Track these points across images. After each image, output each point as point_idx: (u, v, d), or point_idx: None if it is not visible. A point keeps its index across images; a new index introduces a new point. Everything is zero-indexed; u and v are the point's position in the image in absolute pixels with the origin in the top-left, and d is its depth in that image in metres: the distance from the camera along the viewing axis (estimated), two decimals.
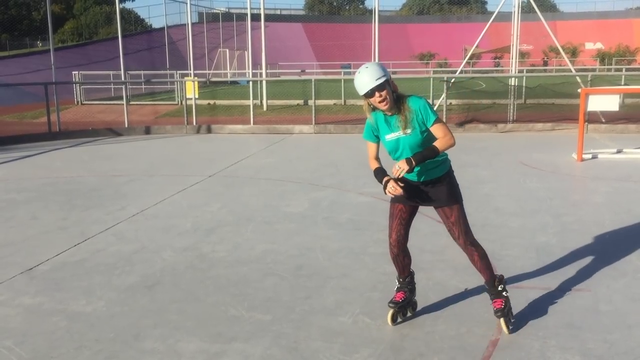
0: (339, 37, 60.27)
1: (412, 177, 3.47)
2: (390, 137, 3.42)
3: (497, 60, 49.25)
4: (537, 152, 10.38)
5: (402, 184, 3.33)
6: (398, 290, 3.71)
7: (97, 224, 6.09)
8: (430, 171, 3.47)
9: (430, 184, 3.49)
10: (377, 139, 3.52)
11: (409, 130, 3.35)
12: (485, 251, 3.57)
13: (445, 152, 3.45)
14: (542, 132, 13.48)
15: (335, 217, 6.23)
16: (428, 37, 61.32)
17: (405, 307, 3.70)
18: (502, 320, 3.52)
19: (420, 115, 3.35)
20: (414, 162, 3.28)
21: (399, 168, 3.28)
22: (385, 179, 3.37)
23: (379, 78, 3.25)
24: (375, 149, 3.54)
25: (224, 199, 7.18)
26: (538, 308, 3.83)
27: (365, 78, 3.27)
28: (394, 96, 3.36)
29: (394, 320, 3.64)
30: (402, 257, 3.63)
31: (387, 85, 3.29)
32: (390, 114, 3.40)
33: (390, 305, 3.63)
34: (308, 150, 11.51)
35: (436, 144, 3.36)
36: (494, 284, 3.58)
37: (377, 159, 3.54)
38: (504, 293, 3.58)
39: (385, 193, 3.36)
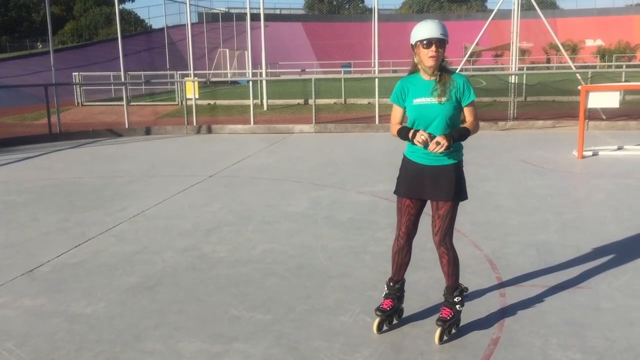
0: (338, 36, 60.20)
1: (428, 160, 3.39)
2: (419, 101, 3.35)
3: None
4: (537, 150, 10.38)
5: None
6: (386, 297, 3.62)
7: (98, 225, 6.10)
8: (443, 157, 3.37)
9: (439, 172, 3.38)
10: (404, 102, 3.45)
11: (444, 99, 3.32)
12: (457, 258, 3.51)
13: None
14: (542, 130, 13.47)
15: (336, 216, 6.23)
16: None
17: (391, 316, 3.61)
18: (438, 330, 3.40)
19: (461, 90, 3.35)
20: (452, 139, 3.26)
21: (439, 143, 3.20)
22: (412, 131, 3.33)
23: (444, 34, 3.26)
24: (400, 113, 3.49)
25: (225, 199, 7.18)
26: (539, 306, 3.83)
27: (433, 26, 3.26)
28: (440, 65, 3.35)
29: (379, 329, 3.54)
30: (404, 252, 3.57)
31: (444, 46, 3.29)
32: (429, 77, 3.37)
33: (378, 313, 3.53)
34: (308, 150, 11.50)
35: (467, 126, 3.40)
36: (453, 293, 3.50)
37: (401, 124, 3.51)
38: (457, 306, 3.50)
39: (414, 143, 3.32)
